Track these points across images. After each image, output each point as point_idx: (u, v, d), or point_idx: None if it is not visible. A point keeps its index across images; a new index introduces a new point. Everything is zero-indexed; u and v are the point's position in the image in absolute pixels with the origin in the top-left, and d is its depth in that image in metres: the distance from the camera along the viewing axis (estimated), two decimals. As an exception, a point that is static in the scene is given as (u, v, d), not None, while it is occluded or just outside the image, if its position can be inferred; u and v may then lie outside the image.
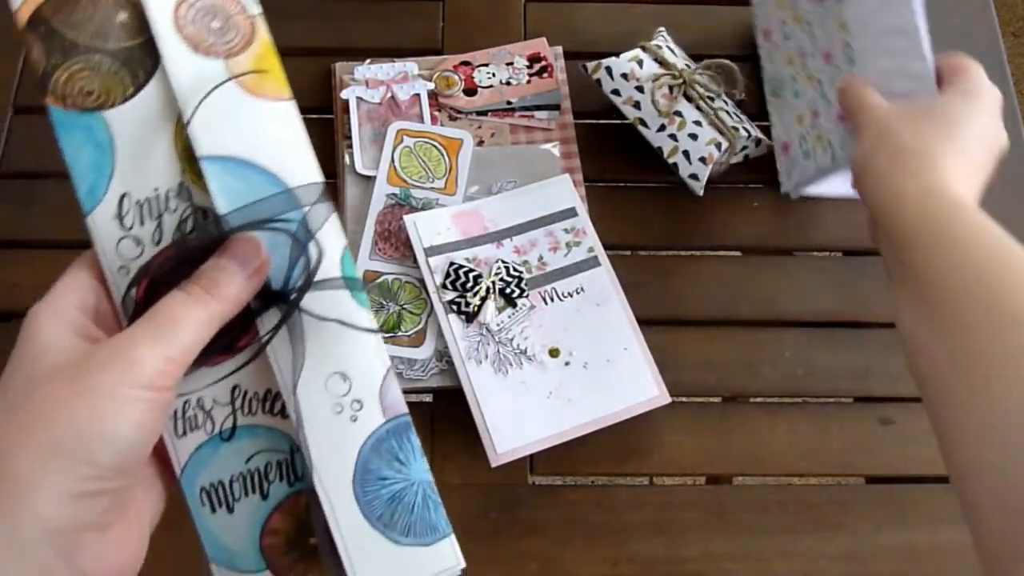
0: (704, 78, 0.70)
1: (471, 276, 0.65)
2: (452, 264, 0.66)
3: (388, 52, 0.75)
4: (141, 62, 0.36)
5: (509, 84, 0.74)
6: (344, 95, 0.72)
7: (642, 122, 0.70)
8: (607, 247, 0.68)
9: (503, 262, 0.66)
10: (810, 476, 0.66)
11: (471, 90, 0.74)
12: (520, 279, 0.66)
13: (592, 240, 0.68)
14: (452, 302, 0.65)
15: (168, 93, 0.35)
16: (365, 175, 0.70)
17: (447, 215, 0.68)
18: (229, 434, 0.35)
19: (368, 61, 0.74)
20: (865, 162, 0.52)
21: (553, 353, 0.64)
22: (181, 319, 0.31)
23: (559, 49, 0.76)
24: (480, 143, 0.72)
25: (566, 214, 0.69)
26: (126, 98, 0.35)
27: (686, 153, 0.68)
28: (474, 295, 0.65)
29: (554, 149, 0.72)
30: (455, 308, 0.65)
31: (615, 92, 0.70)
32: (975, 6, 0.80)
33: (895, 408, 0.66)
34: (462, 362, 0.63)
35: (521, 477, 0.62)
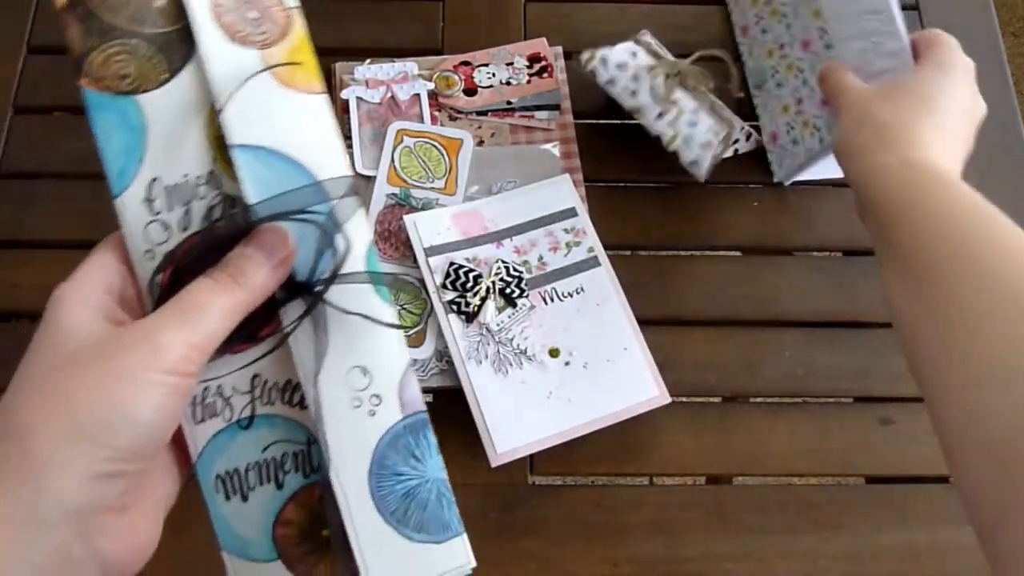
0: (696, 71, 0.70)
1: (471, 276, 0.65)
2: (452, 264, 0.66)
3: (388, 52, 0.75)
4: (177, 48, 0.36)
5: (509, 84, 0.74)
6: (344, 95, 0.72)
7: (640, 111, 0.69)
8: (607, 247, 0.68)
9: (503, 262, 0.66)
10: (810, 476, 0.66)
11: (471, 90, 0.74)
12: (520, 279, 0.66)
13: (592, 240, 0.68)
14: (452, 302, 0.65)
15: (202, 80, 0.35)
16: (365, 175, 0.70)
17: (447, 215, 0.68)
18: (247, 423, 0.35)
19: (368, 61, 0.74)
20: (846, 142, 0.53)
21: (553, 353, 0.64)
22: (206, 306, 0.31)
23: (559, 49, 0.76)
24: (480, 143, 0.72)
25: (566, 214, 0.69)
26: (160, 83, 0.35)
27: (687, 140, 0.68)
28: (474, 295, 0.65)
29: (554, 149, 0.72)
30: (455, 308, 0.65)
31: (611, 82, 0.70)
32: (975, 6, 0.80)
33: (895, 408, 0.66)
34: (462, 362, 0.63)
35: (521, 477, 0.62)
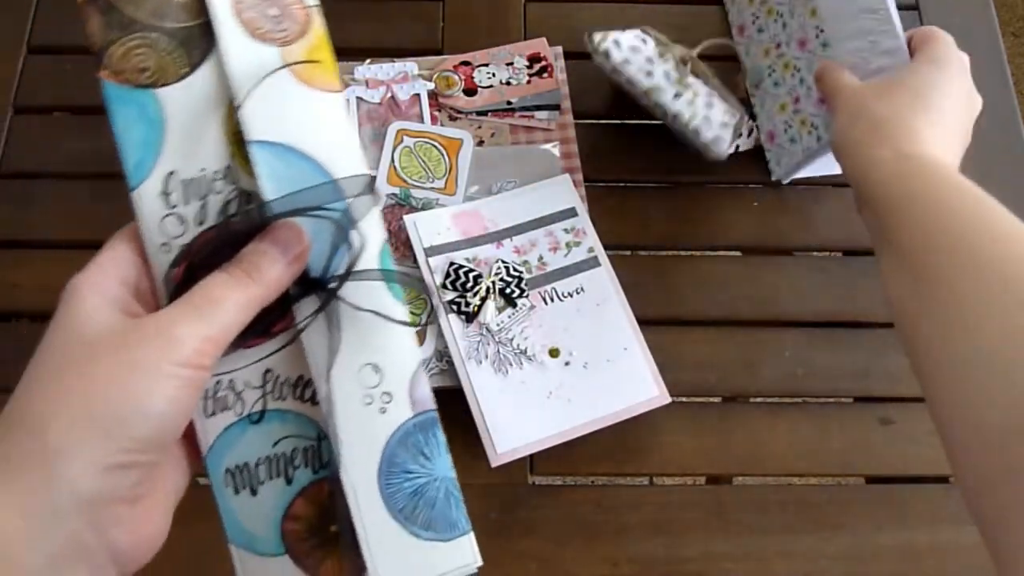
0: (703, 65, 0.71)
1: (471, 276, 0.65)
2: (452, 264, 0.66)
3: (388, 52, 0.75)
4: (197, 43, 0.36)
5: (509, 84, 0.74)
6: (344, 95, 0.72)
7: (657, 90, 0.68)
8: (607, 247, 0.68)
9: (503, 262, 0.66)
10: (810, 476, 0.66)
11: (471, 90, 0.74)
12: (520, 279, 0.66)
13: (592, 240, 0.68)
14: (452, 302, 0.65)
15: (221, 76, 0.35)
16: (365, 175, 0.70)
17: (447, 215, 0.68)
18: (258, 417, 0.35)
19: (368, 61, 0.74)
20: (843, 137, 0.53)
21: (553, 353, 0.64)
22: (221, 300, 0.31)
23: (559, 49, 0.76)
24: (480, 143, 0.72)
25: (566, 214, 0.69)
26: (180, 77, 0.35)
27: (706, 119, 0.68)
28: (474, 295, 0.65)
29: (554, 149, 0.72)
30: (455, 308, 0.65)
31: (625, 62, 0.68)
32: (975, 6, 0.80)
33: (895, 408, 0.66)
34: (462, 362, 0.63)
35: (521, 477, 0.62)
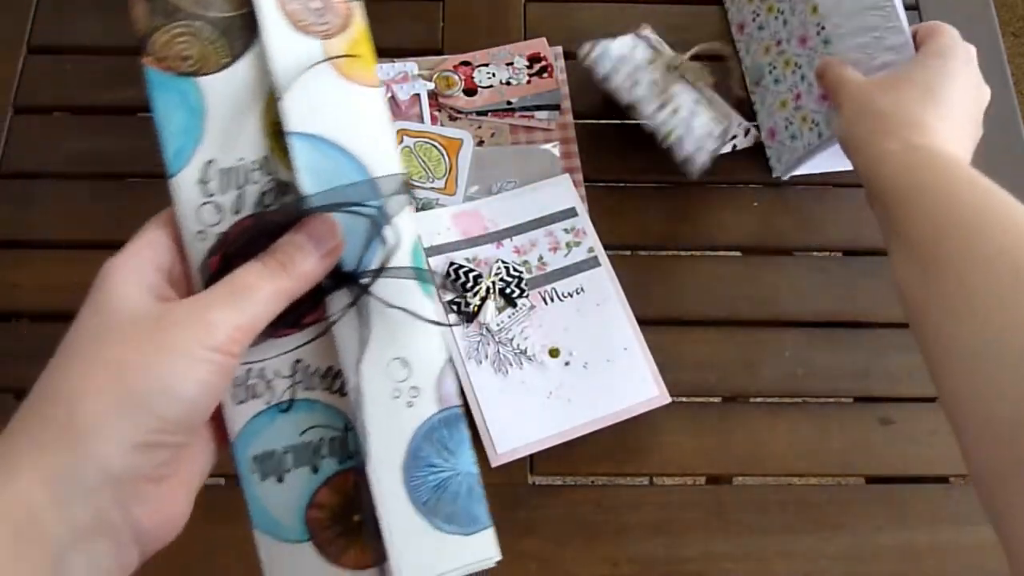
0: (695, 66, 0.70)
1: (471, 276, 0.65)
2: (452, 264, 0.66)
3: (388, 52, 0.75)
4: (240, 34, 0.36)
5: (509, 84, 0.74)
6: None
7: (639, 104, 0.68)
8: (607, 247, 0.68)
9: (503, 262, 0.66)
10: (810, 476, 0.66)
11: (471, 90, 0.74)
12: (520, 279, 0.66)
13: (592, 240, 0.68)
14: (452, 302, 0.65)
15: (263, 67, 0.35)
16: (365, 175, 0.70)
17: (447, 215, 0.68)
18: (287, 406, 0.35)
19: (368, 61, 0.74)
20: (850, 132, 0.54)
21: (553, 353, 0.64)
22: (255, 289, 0.32)
23: (559, 49, 0.76)
24: (480, 143, 0.72)
25: (566, 214, 0.69)
26: (221, 67, 0.35)
27: (683, 135, 0.68)
28: (474, 295, 0.65)
29: (554, 149, 0.72)
30: (455, 308, 0.65)
31: (609, 76, 0.69)
32: (975, 6, 0.80)
33: (895, 408, 0.66)
34: (462, 362, 0.63)
35: (521, 477, 0.62)
